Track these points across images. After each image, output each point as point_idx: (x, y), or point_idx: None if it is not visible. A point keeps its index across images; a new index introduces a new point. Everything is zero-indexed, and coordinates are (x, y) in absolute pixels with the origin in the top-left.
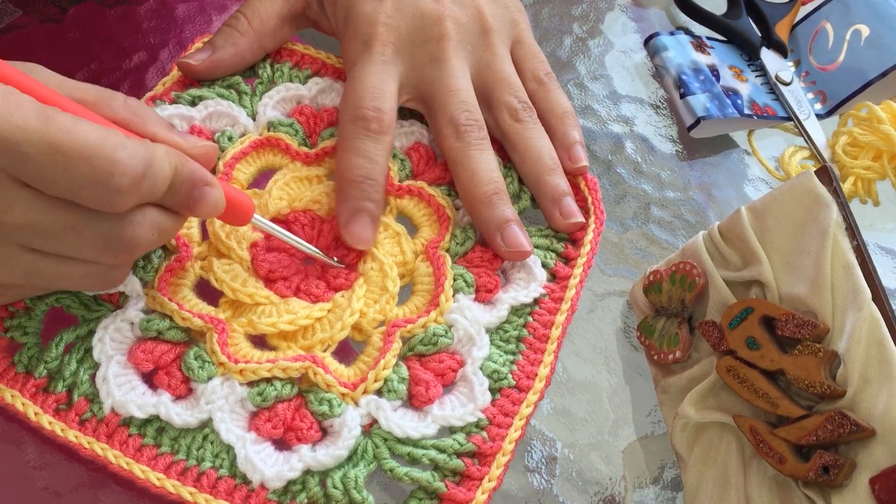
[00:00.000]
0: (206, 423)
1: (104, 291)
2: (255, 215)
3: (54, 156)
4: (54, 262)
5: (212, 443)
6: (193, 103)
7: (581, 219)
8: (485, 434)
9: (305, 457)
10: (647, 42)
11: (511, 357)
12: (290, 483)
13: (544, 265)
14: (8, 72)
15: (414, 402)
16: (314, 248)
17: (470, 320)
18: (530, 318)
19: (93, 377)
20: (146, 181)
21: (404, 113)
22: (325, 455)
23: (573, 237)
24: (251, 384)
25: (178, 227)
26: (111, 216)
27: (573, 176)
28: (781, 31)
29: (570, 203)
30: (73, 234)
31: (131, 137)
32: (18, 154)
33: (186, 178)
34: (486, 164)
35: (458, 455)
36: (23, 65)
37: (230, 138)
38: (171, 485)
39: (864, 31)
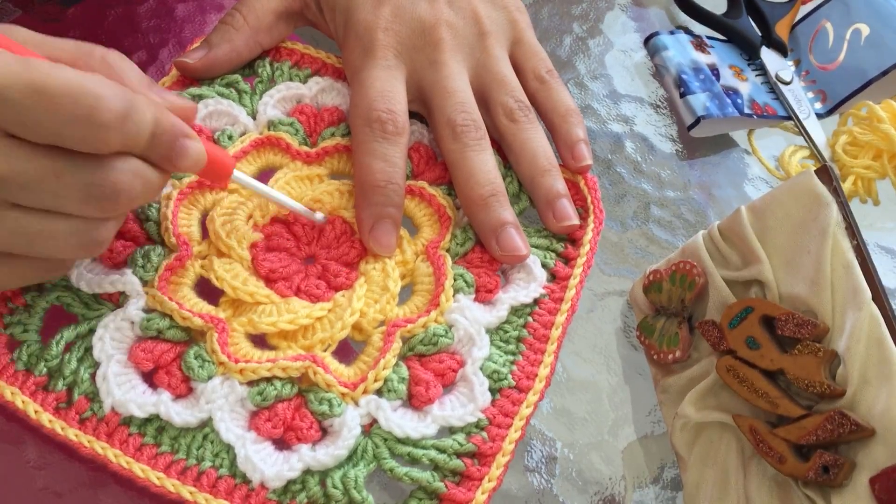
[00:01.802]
0: (206, 423)
1: (91, 255)
2: (235, 171)
3: (37, 96)
4: (37, 217)
5: (212, 442)
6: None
7: (576, 221)
8: (485, 434)
9: (305, 456)
10: (647, 41)
11: (511, 357)
12: (290, 483)
13: (544, 265)
14: None
15: (414, 402)
16: (296, 204)
17: (470, 320)
18: (530, 319)
19: (93, 376)
20: (129, 122)
21: None
22: (324, 455)
23: (573, 237)
24: (251, 384)
25: (162, 182)
26: (93, 162)
27: (578, 174)
28: (781, 30)
29: (565, 205)
30: (54, 182)
31: (112, 81)
32: (1, 99)
33: (167, 129)
34: (483, 166)
35: (458, 455)
36: (1, 27)
37: (230, 137)
38: (170, 484)
39: (864, 30)
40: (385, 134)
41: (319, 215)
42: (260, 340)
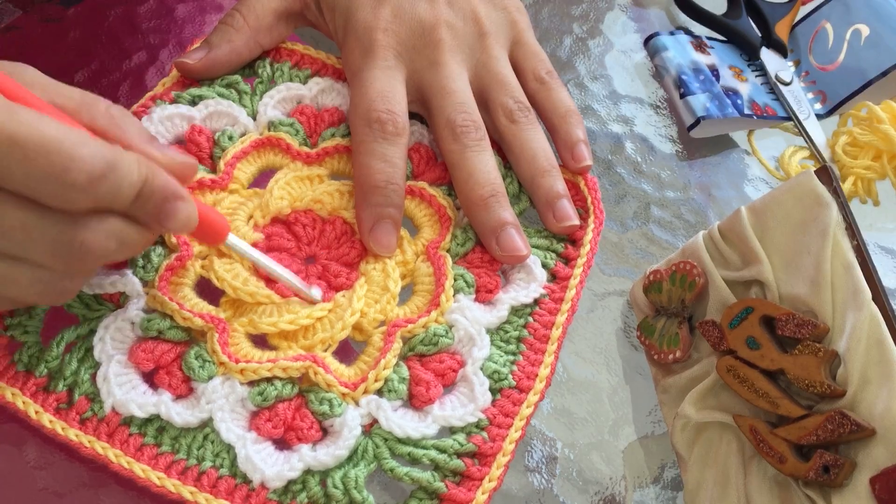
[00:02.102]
0: (207, 423)
1: (54, 304)
2: (229, 235)
3: (12, 147)
4: (3, 262)
5: (212, 442)
6: (193, 103)
7: (576, 222)
8: (485, 434)
9: (306, 456)
10: (646, 42)
11: (511, 357)
12: (291, 483)
13: (544, 265)
14: None
15: (414, 402)
16: (294, 278)
17: (470, 320)
18: (530, 319)
19: (93, 376)
20: (106, 183)
21: None
22: (325, 455)
23: (573, 237)
24: (252, 384)
25: (144, 240)
26: (65, 218)
27: (577, 175)
28: (781, 30)
29: (565, 205)
30: (22, 233)
31: (98, 140)
32: None
33: (157, 190)
34: (482, 166)
35: (459, 455)
36: (12, 65)
37: (230, 137)
38: (171, 484)
39: (864, 30)
40: (385, 134)
41: (316, 292)
42: (260, 340)
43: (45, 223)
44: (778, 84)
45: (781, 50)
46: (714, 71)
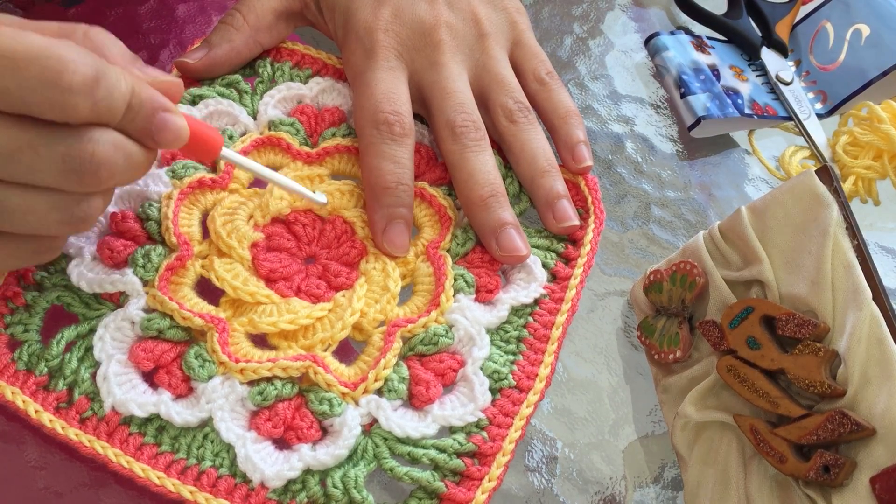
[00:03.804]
0: (207, 422)
1: (77, 231)
2: (224, 148)
3: (1, 59)
4: (17, 192)
5: (212, 442)
6: (194, 102)
7: (576, 222)
8: (485, 434)
9: (305, 456)
10: (647, 42)
11: (511, 357)
12: (290, 482)
13: (544, 265)
14: None
15: (414, 401)
16: (296, 185)
17: (470, 320)
18: (530, 319)
19: (93, 375)
20: (100, 89)
21: None
22: (325, 454)
23: (573, 237)
24: (251, 383)
25: (146, 159)
26: (69, 133)
27: (578, 175)
28: (782, 30)
29: (565, 206)
30: (30, 154)
31: (83, 49)
32: None
33: (145, 102)
34: (482, 166)
35: (458, 455)
36: None
37: (231, 137)
38: (171, 483)
39: (865, 30)
40: (393, 136)
41: (321, 196)
42: (260, 340)
43: (52, 139)
44: (778, 84)
45: (782, 50)
46: (714, 71)
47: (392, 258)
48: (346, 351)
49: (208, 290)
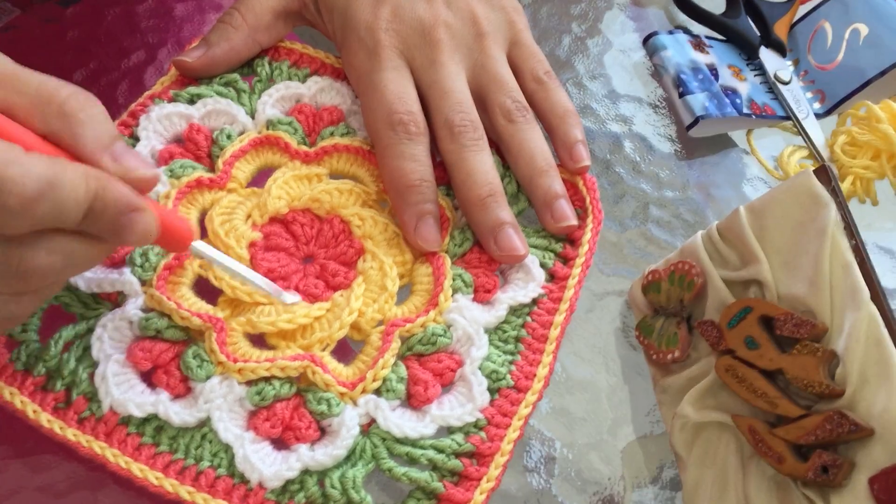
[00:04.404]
0: (205, 423)
1: (2, 330)
2: (194, 242)
3: None
4: None
5: (210, 442)
6: (192, 101)
7: (574, 222)
8: (483, 434)
9: (304, 456)
10: (645, 41)
11: (510, 357)
12: (289, 482)
13: (543, 265)
14: None
15: (412, 401)
16: (265, 283)
17: (469, 320)
18: (529, 319)
19: (91, 376)
20: (44, 203)
21: None
22: (323, 455)
23: (571, 237)
24: (250, 383)
25: (98, 254)
26: (3, 239)
27: (576, 175)
28: (780, 30)
29: (563, 205)
30: None
31: (36, 155)
32: None
33: (110, 204)
34: (481, 166)
35: (457, 455)
36: None
37: (229, 136)
38: (169, 484)
39: (863, 30)
40: (409, 135)
41: (289, 297)
42: (258, 340)
43: None
44: (777, 83)
45: (780, 49)
46: (713, 70)
47: (421, 254)
48: (345, 351)
49: (206, 289)
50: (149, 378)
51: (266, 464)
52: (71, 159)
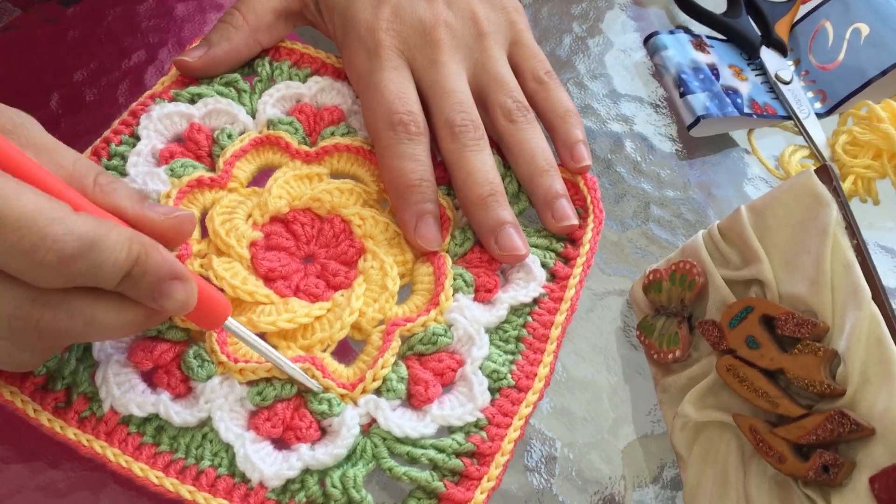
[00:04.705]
0: (206, 422)
1: (11, 370)
2: (229, 319)
3: None
4: None
5: (211, 441)
6: (192, 101)
7: (575, 221)
8: (484, 434)
9: (304, 456)
10: (646, 41)
11: (510, 357)
12: (289, 482)
13: (544, 265)
14: None
15: (413, 401)
16: (295, 370)
17: (469, 320)
18: (530, 318)
19: (92, 375)
20: (82, 263)
21: None
22: (323, 454)
23: (572, 237)
24: (250, 383)
25: (123, 324)
26: (27, 293)
27: (577, 175)
28: (781, 29)
29: (564, 205)
30: None
31: (83, 215)
32: None
33: (151, 270)
34: (481, 165)
35: (457, 455)
36: (17, 115)
37: (229, 136)
38: (169, 483)
39: (864, 29)
40: (409, 135)
41: (315, 385)
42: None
43: (6, 296)
44: (778, 83)
45: (781, 49)
46: (714, 70)
47: (422, 253)
48: (346, 350)
49: None
50: (149, 378)
51: (267, 463)
52: (118, 222)
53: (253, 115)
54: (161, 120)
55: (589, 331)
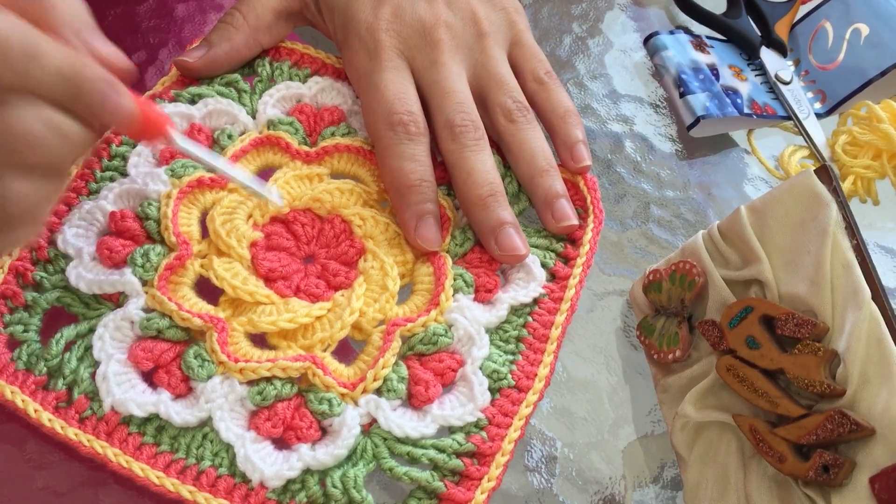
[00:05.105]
0: (206, 422)
1: (13, 241)
2: (171, 130)
3: None
4: None
5: (211, 441)
6: (193, 101)
7: (575, 221)
8: (484, 434)
9: (305, 456)
10: (646, 41)
11: (511, 357)
12: (290, 482)
13: (544, 265)
14: None
15: (413, 401)
16: (249, 179)
17: (470, 320)
18: (530, 319)
19: (93, 375)
20: (25, 59)
21: None
22: (324, 454)
23: (572, 237)
24: (251, 383)
25: (84, 136)
26: None
27: (577, 175)
28: (781, 30)
29: (564, 205)
30: None
31: (12, 19)
32: None
33: (89, 78)
34: (481, 166)
35: (458, 455)
36: None
37: (230, 136)
38: (170, 483)
39: (864, 30)
40: (409, 135)
41: (276, 197)
42: (260, 340)
43: None
44: (777, 83)
45: (781, 49)
46: (714, 70)
47: (422, 253)
48: (346, 350)
49: (208, 289)
50: (150, 378)
51: (267, 463)
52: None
53: (253, 115)
54: None
55: (589, 331)
